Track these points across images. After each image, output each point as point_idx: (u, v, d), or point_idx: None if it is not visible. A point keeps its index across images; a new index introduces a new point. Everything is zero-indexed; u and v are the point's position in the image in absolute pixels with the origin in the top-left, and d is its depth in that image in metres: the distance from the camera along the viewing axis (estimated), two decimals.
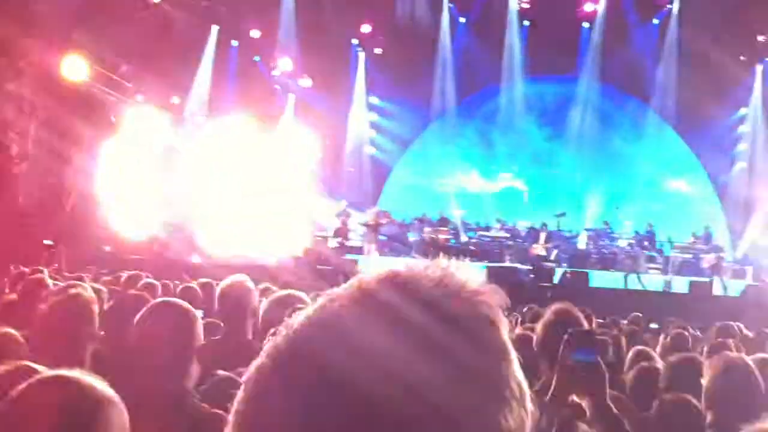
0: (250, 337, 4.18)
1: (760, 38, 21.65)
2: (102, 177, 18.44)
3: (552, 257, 19.23)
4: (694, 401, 3.55)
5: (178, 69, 20.06)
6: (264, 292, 5.41)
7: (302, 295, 4.10)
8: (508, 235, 21.54)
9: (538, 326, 3.54)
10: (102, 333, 3.84)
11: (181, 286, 7.03)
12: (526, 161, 25.92)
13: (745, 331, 8.14)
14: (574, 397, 2.54)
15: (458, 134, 26.22)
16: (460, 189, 26.00)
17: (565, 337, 2.56)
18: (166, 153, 20.25)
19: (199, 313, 3.38)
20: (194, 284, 7.23)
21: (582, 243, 21.70)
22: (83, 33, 16.46)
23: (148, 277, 7.89)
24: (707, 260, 18.76)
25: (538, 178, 25.71)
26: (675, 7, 22.36)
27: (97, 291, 5.61)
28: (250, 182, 20.99)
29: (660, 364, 4.63)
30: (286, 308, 3.06)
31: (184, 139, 20.84)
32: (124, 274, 8.37)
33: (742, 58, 22.65)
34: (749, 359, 3.68)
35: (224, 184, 20.78)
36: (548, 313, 3.43)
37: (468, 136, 26.30)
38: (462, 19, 24.04)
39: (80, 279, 7.22)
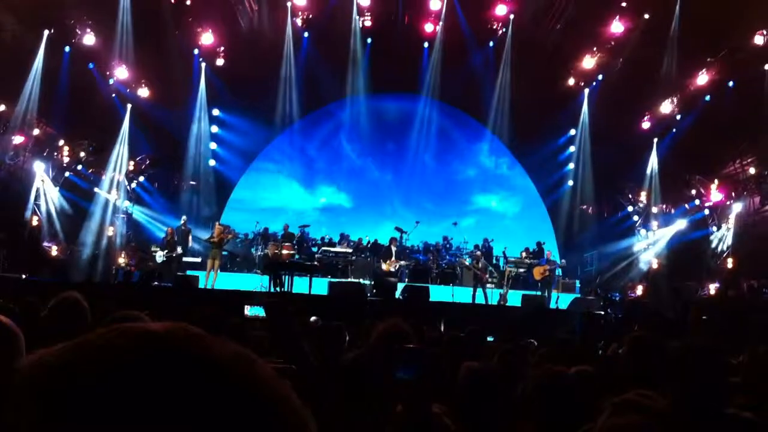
0: None
1: (587, 63, 22.94)
2: None
3: (394, 271, 19.48)
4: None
5: (4, 74, 18.82)
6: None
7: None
8: (350, 251, 21.62)
9: (370, 341, 3.54)
10: None
11: None
12: (363, 177, 26.27)
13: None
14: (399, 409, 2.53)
15: (301, 149, 26.18)
16: (303, 204, 25.97)
17: (390, 354, 2.55)
18: None
19: None
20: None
21: (424, 258, 22.15)
22: None
23: None
24: (538, 274, 19.69)
25: (373, 194, 26.07)
26: (509, 31, 23.26)
27: None
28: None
29: None
30: None
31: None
32: None
33: (570, 81, 23.99)
34: (571, 370, 3.83)
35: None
36: (378, 329, 3.42)
37: (310, 151, 26.32)
38: (306, 34, 23.90)
39: None
